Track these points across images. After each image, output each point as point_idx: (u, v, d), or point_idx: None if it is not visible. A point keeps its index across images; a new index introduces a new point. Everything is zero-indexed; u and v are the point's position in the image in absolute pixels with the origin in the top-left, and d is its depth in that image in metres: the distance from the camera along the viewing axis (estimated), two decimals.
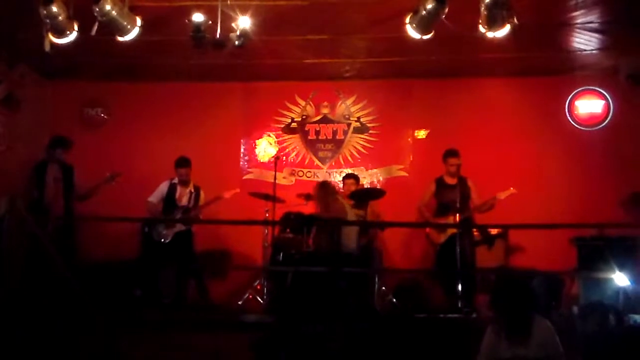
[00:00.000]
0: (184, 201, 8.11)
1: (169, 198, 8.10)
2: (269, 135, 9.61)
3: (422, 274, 8.38)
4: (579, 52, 8.22)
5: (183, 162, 8.10)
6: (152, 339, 5.84)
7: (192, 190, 8.16)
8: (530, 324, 4.36)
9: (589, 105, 9.04)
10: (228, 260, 9.13)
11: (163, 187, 8.15)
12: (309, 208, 8.03)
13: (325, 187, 7.84)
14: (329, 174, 9.33)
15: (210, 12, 6.24)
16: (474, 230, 7.93)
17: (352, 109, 9.52)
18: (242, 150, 9.63)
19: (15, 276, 6.99)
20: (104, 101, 9.71)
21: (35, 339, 5.77)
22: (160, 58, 8.43)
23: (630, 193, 8.12)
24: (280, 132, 9.60)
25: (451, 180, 7.93)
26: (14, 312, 6.01)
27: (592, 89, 9.03)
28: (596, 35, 7.64)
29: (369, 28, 7.49)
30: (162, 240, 7.90)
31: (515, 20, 5.85)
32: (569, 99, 9.06)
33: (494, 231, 8.01)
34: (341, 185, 8.72)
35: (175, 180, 8.15)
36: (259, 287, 7.95)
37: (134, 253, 8.15)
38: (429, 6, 5.95)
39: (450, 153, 7.95)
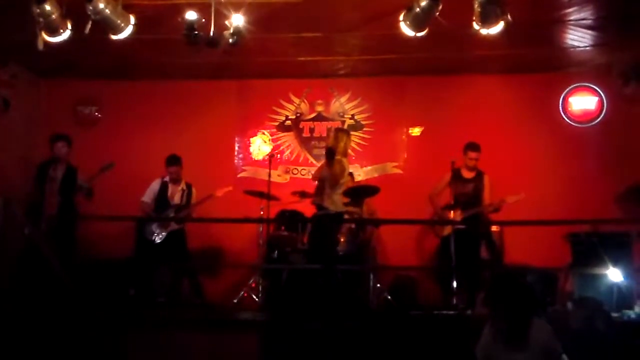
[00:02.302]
0: (176, 199, 8.10)
1: (161, 197, 8.09)
2: (264, 133, 9.60)
3: (417, 271, 8.41)
4: (572, 49, 8.24)
5: (173, 161, 8.08)
6: (146, 338, 5.83)
7: (184, 188, 8.16)
8: (530, 327, 4.16)
9: (583, 102, 9.06)
10: (223, 258, 9.13)
11: (154, 185, 8.14)
12: (304, 206, 8.01)
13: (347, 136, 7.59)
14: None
15: (203, 10, 6.23)
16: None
17: (347, 107, 9.53)
18: (236, 148, 9.62)
19: (9, 274, 7.01)
20: (97, 99, 9.69)
21: (29, 337, 5.77)
22: (154, 56, 8.42)
23: (629, 186, 8.13)
24: (275, 130, 9.59)
25: (468, 174, 7.87)
26: (8, 310, 6.01)
27: (586, 85, 9.06)
28: (589, 32, 7.65)
29: (362, 25, 7.48)
30: (155, 239, 7.89)
31: (509, 17, 5.87)
32: (562, 95, 9.09)
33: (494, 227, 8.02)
34: None
35: (167, 179, 8.14)
36: (254, 285, 7.95)
37: (128, 252, 8.14)
38: (423, 3, 5.95)
39: (470, 146, 7.86)
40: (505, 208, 7.74)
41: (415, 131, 9.40)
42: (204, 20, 6.20)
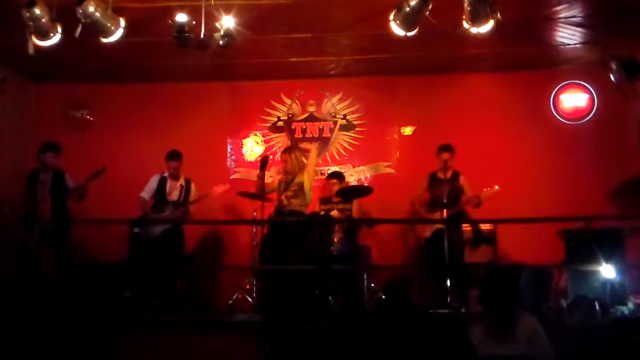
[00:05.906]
0: (174, 196, 8.04)
1: (159, 193, 8.04)
2: (256, 135, 9.59)
3: (411, 270, 8.42)
4: (562, 46, 8.27)
5: (173, 156, 8.05)
6: (142, 341, 5.82)
7: (183, 184, 8.10)
8: (516, 320, 4.25)
9: (574, 99, 9.10)
10: (217, 260, 9.12)
11: (153, 181, 8.10)
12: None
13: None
14: (316, 172, 9.30)
15: (194, 12, 6.23)
16: (466, 225, 7.92)
17: (338, 107, 9.52)
18: (228, 149, 9.61)
19: (4, 276, 6.99)
20: (89, 103, 9.66)
21: (24, 340, 5.75)
22: (145, 59, 8.41)
23: (623, 181, 8.15)
24: (267, 131, 9.58)
25: (443, 175, 7.92)
26: (2, 314, 5.99)
27: (577, 82, 9.09)
28: (579, 29, 7.68)
29: (353, 26, 7.49)
30: (152, 235, 7.84)
31: (499, 15, 5.89)
32: (553, 93, 9.12)
33: (485, 226, 8.03)
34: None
35: (166, 174, 8.10)
36: (248, 286, 7.94)
37: (121, 254, 8.11)
38: (413, 3, 5.97)
39: (441, 147, 7.96)
40: (498, 206, 7.75)
41: (407, 130, 9.40)
42: (194, 22, 6.21)
